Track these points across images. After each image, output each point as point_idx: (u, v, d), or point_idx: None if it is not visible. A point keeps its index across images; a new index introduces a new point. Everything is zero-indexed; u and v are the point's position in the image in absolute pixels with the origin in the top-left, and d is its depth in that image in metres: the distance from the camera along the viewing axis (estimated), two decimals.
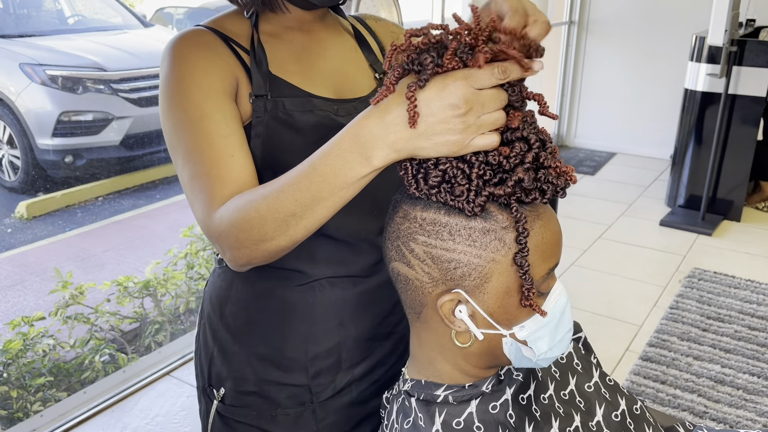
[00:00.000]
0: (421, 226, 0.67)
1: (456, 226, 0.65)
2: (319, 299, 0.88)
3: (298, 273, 0.87)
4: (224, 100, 0.80)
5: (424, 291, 0.69)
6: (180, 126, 0.78)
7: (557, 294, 0.71)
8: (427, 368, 0.75)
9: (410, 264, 0.69)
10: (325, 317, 0.88)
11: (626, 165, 4.60)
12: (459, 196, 0.64)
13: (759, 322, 2.58)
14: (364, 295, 0.90)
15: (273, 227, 0.69)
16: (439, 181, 0.64)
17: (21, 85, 3.56)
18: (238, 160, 0.77)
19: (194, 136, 0.77)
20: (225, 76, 0.81)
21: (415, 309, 0.72)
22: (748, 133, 3.50)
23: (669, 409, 2.10)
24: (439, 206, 0.66)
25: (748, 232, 3.50)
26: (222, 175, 0.75)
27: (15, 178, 3.66)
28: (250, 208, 0.70)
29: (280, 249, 0.72)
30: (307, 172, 0.67)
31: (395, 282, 0.72)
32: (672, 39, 4.37)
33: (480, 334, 0.68)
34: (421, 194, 0.66)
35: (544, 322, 0.69)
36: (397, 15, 2.27)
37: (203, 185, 0.75)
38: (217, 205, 0.74)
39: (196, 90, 0.79)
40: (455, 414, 0.72)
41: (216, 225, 0.73)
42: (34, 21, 4.30)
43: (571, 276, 3.02)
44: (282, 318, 0.88)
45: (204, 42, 0.83)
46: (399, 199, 0.71)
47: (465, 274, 0.66)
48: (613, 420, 0.83)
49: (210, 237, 0.76)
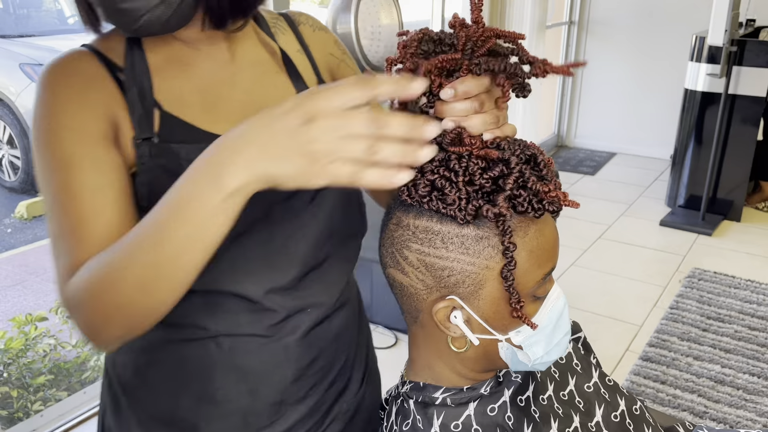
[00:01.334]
0: (414, 234, 0.66)
1: (449, 234, 0.64)
2: (217, 356, 0.75)
3: (195, 327, 0.74)
4: (98, 144, 0.66)
5: (419, 297, 0.68)
6: (46, 173, 0.66)
7: (554, 298, 0.70)
8: (425, 371, 0.75)
9: (405, 271, 0.68)
10: (225, 376, 0.76)
11: (626, 165, 4.60)
12: (451, 204, 0.62)
13: (759, 322, 2.58)
14: (272, 354, 0.77)
15: (131, 285, 0.57)
16: (429, 189, 0.63)
17: (21, 85, 3.56)
18: (108, 218, 0.64)
19: (60, 186, 0.64)
20: (101, 114, 0.67)
21: (412, 314, 0.72)
22: (748, 133, 3.50)
23: (669, 409, 2.10)
24: (431, 214, 0.65)
25: (748, 232, 3.50)
26: (85, 237, 0.63)
27: (15, 178, 3.66)
28: (103, 265, 0.59)
29: (144, 316, 0.60)
30: (156, 207, 0.56)
31: (392, 288, 0.72)
32: (672, 39, 4.37)
33: (476, 339, 0.68)
34: (414, 202, 0.65)
35: (539, 328, 0.68)
36: (397, 15, 2.27)
37: (65, 248, 0.63)
38: (75, 273, 0.62)
39: (65, 132, 0.65)
40: (453, 416, 0.72)
41: (70, 295, 0.61)
42: (34, 21, 4.30)
43: (571, 276, 3.02)
44: (174, 373, 0.77)
45: (80, 71, 0.68)
46: (393, 205, 0.70)
47: (459, 281, 0.65)
48: (612, 420, 0.83)
49: (68, 311, 0.63)
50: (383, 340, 2.45)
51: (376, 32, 2.22)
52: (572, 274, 3.04)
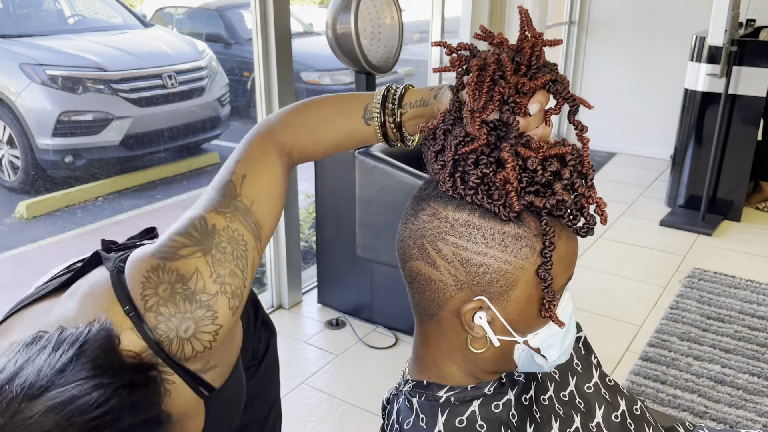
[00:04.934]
0: (452, 227, 0.65)
1: (490, 229, 0.64)
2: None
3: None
4: None
5: (446, 293, 0.67)
6: None
7: (566, 300, 0.71)
8: (431, 369, 0.75)
9: (435, 264, 0.67)
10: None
11: (626, 165, 4.60)
12: (497, 200, 0.62)
13: (759, 322, 2.58)
14: None
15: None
16: (479, 182, 0.63)
17: (21, 85, 3.56)
18: None
19: None
20: None
21: (429, 311, 0.70)
22: (748, 133, 3.50)
23: (669, 409, 2.10)
24: (473, 207, 0.64)
25: (748, 232, 3.50)
26: None
27: (15, 178, 3.66)
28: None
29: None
30: None
31: (412, 282, 0.70)
32: (672, 39, 4.37)
33: (497, 341, 0.68)
34: (456, 193, 0.65)
35: (555, 330, 0.69)
36: (398, 15, 2.27)
37: None
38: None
39: None
40: (458, 413, 0.72)
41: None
42: (34, 21, 4.30)
43: None
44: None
45: None
46: (426, 195, 0.69)
47: (493, 279, 0.65)
48: (613, 421, 0.83)
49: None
50: (383, 340, 2.45)
51: (376, 32, 2.22)
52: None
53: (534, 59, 0.65)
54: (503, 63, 0.64)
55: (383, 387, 2.10)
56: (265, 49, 2.32)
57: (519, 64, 0.65)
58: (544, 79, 0.65)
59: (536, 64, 0.65)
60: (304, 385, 2.21)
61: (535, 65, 0.66)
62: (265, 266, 2.69)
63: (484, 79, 0.64)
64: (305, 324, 2.59)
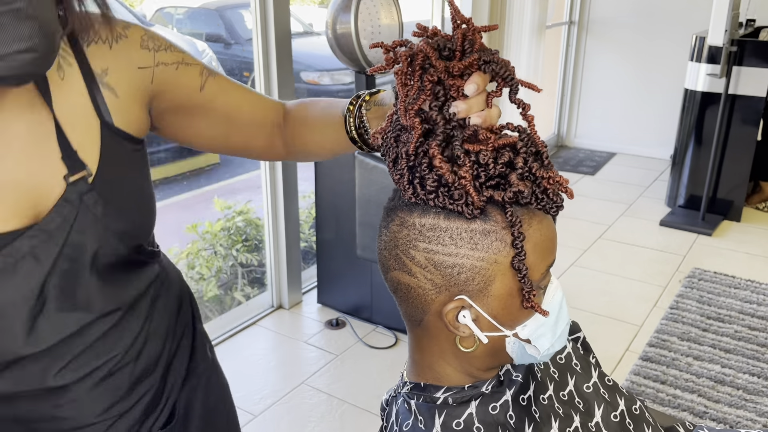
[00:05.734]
0: (420, 233, 0.65)
1: (457, 229, 0.64)
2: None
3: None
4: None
5: (426, 298, 0.68)
6: None
7: (554, 289, 0.71)
8: (428, 372, 0.75)
9: (411, 272, 0.67)
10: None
11: (626, 165, 4.60)
12: (458, 200, 0.62)
13: (759, 322, 2.58)
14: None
15: None
16: (436, 185, 0.63)
17: None
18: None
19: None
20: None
21: (416, 317, 0.71)
22: (748, 133, 3.50)
23: (669, 409, 2.10)
24: (437, 211, 0.65)
25: (748, 232, 3.50)
26: None
27: None
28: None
29: None
30: None
31: (396, 291, 0.71)
32: (672, 39, 4.37)
33: (485, 338, 0.68)
34: (418, 199, 0.65)
35: (544, 319, 0.69)
36: (397, 15, 2.26)
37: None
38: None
39: None
40: (455, 415, 0.72)
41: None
42: None
43: (571, 276, 3.02)
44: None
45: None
46: (394, 206, 0.69)
47: (469, 278, 0.65)
48: (612, 420, 0.83)
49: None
50: (383, 340, 2.45)
51: (376, 32, 2.22)
52: (572, 274, 3.04)
53: (468, 45, 0.64)
54: (426, 49, 0.63)
55: (383, 387, 2.10)
56: (265, 49, 2.32)
57: (453, 51, 0.64)
58: (473, 58, 0.63)
59: (470, 49, 0.64)
60: (304, 385, 2.21)
61: (469, 50, 0.64)
62: (265, 266, 2.69)
63: (414, 69, 0.63)
64: (305, 324, 2.59)
